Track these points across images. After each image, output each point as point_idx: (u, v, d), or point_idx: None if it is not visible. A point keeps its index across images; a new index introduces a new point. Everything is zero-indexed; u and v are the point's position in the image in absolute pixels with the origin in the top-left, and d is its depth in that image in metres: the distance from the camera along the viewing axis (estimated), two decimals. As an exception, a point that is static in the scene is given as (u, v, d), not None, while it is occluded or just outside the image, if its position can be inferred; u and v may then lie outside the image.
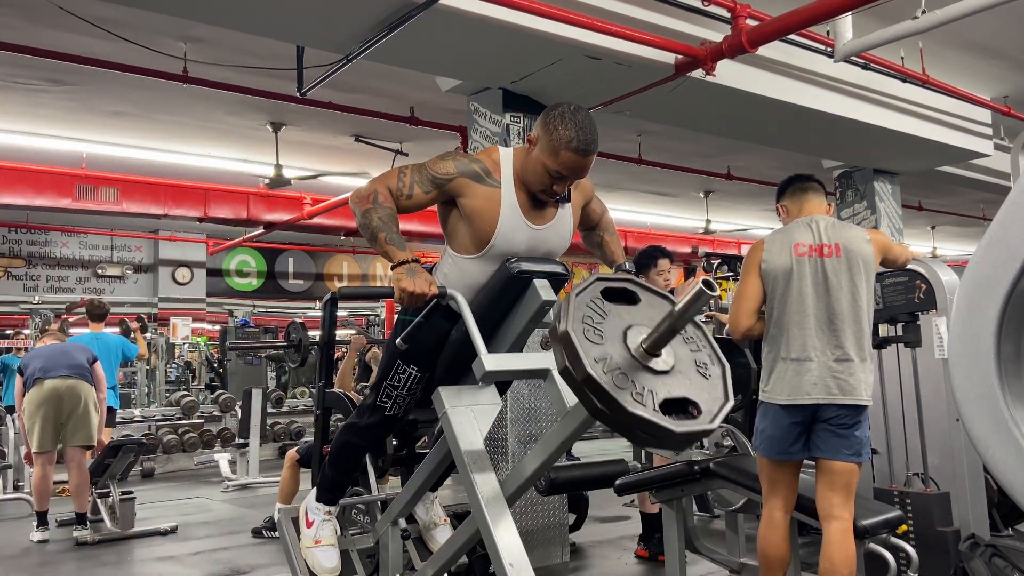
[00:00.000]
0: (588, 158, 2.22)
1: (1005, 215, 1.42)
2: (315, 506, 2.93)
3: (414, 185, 2.31)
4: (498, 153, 2.38)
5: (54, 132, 7.06)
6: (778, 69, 5.04)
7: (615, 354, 1.67)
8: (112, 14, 4.43)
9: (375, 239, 2.23)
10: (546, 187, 2.28)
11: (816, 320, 2.99)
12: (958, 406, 1.48)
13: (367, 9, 3.67)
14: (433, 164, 2.33)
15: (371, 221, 2.24)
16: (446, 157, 2.35)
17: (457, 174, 2.31)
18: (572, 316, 1.67)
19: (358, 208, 2.28)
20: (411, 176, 2.32)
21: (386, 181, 2.33)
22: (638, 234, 11.87)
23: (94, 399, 5.61)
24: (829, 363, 2.95)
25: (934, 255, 13.61)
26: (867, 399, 2.98)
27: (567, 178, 2.26)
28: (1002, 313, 1.39)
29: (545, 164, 2.23)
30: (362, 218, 2.26)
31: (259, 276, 13.82)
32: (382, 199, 2.27)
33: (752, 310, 3.11)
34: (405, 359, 2.55)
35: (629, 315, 1.77)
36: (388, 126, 6.65)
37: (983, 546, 3.50)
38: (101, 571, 4.82)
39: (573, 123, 2.19)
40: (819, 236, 3.05)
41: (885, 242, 3.23)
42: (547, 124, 2.23)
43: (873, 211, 6.89)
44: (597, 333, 1.68)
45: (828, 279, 3.00)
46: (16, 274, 11.69)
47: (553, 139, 2.20)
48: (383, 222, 2.23)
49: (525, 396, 4.65)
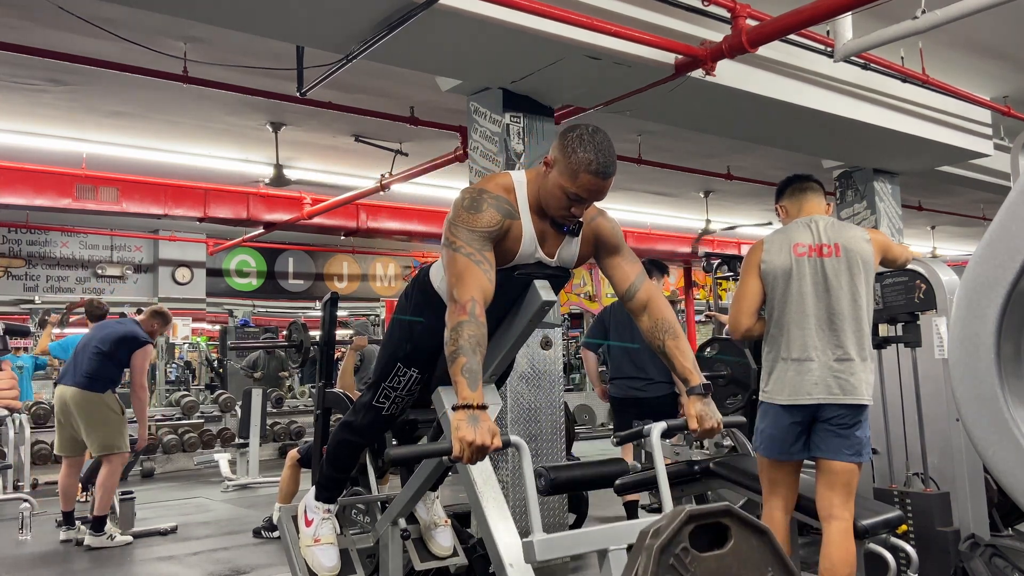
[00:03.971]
0: (607, 180, 2.16)
1: (1005, 215, 1.42)
2: (314, 505, 2.94)
3: (485, 255, 2.15)
4: (511, 179, 2.30)
5: (54, 132, 7.06)
6: (778, 69, 5.04)
7: None
8: (112, 14, 4.42)
9: (454, 360, 1.99)
10: (564, 209, 2.21)
11: (816, 320, 2.98)
12: (958, 406, 1.47)
13: (367, 9, 3.67)
14: (476, 220, 2.17)
15: (460, 338, 2.00)
16: (480, 206, 2.18)
17: (503, 219, 2.21)
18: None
19: (452, 319, 2.05)
20: (475, 248, 2.14)
21: (473, 279, 2.10)
22: (638, 234, 11.86)
23: (105, 405, 5.37)
24: (830, 363, 2.95)
25: (934, 255, 13.61)
26: (868, 399, 2.98)
27: (585, 201, 2.20)
28: (1002, 313, 1.39)
29: (563, 187, 2.16)
30: (453, 330, 2.02)
31: (259, 276, 13.81)
32: (479, 311, 2.05)
33: (752, 310, 3.11)
34: (406, 362, 2.54)
35: (715, 564, 1.46)
36: (388, 126, 6.65)
37: (983, 546, 3.50)
38: (101, 571, 4.82)
39: (592, 145, 2.14)
40: (818, 236, 3.05)
41: (885, 242, 3.23)
42: (565, 147, 2.16)
43: (873, 211, 6.89)
44: None
45: (828, 279, 3.00)
46: (16, 274, 11.68)
47: (572, 162, 2.14)
48: (471, 345, 1.99)
49: (525, 396, 4.65)
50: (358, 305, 14.95)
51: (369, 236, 10.02)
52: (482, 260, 2.13)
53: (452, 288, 2.10)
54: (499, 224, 2.19)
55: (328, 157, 8.15)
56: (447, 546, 3.13)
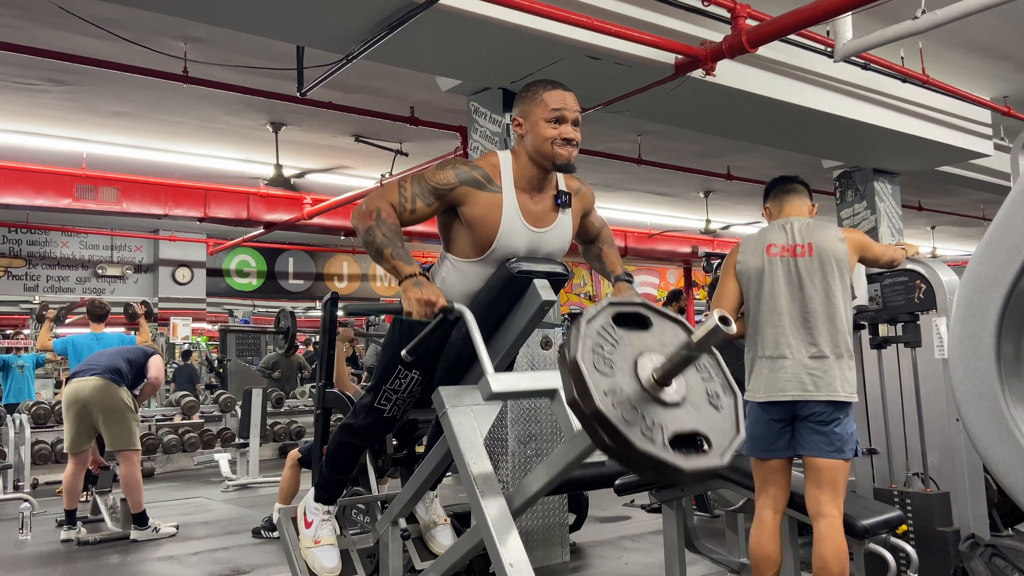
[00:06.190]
0: (570, 92, 2.35)
1: (1005, 215, 1.42)
2: (314, 506, 2.93)
3: (416, 198, 2.29)
4: (497, 157, 2.39)
5: (54, 132, 7.06)
6: (778, 69, 5.04)
7: (625, 385, 1.59)
8: (112, 14, 4.43)
9: (380, 255, 2.21)
10: (556, 139, 2.30)
11: (790, 318, 3.05)
12: (958, 406, 1.48)
13: (367, 9, 3.67)
14: (433, 174, 2.31)
15: (375, 237, 2.22)
16: (445, 166, 2.33)
17: (458, 183, 2.29)
18: (583, 345, 1.58)
19: (360, 225, 2.25)
20: (412, 189, 2.30)
21: (387, 196, 2.29)
22: (638, 234, 11.87)
23: (125, 398, 5.49)
24: (804, 360, 3.01)
25: (934, 255, 13.61)
26: (845, 395, 3.00)
27: (565, 117, 2.31)
28: (1002, 313, 1.39)
29: (541, 119, 2.31)
30: (366, 235, 2.24)
31: (259, 276, 13.82)
32: (385, 215, 2.24)
33: (729, 311, 3.17)
34: (407, 364, 2.54)
35: (640, 341, 1.68)
36: (388, 126, 6.65)
37: (983, 546, 3.49)
38: (101, 571, 4.82)
39: (537, 79, 2.43)
40: (792, 237, 3.12)
41: (862, 241, 3.25)
42: (520, 96, 2.40)
43: (873, 211, 6.88)
44: (607, 363, 1.60)
45: (801, 278, 3.06)
46: (16, 274, 11.69)
47: (532, 95, 2.35)
48: (387, 237, 2.21)
49: (525, 396, 4.65)
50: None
51: (369, 236, 10.02)
52: (408, 198, 2.30)
53: (363, 202, 2.31)
54: (450, 186, 2.30)
55: (328, 157, 8.16)
56: (447, 545, 3.13)
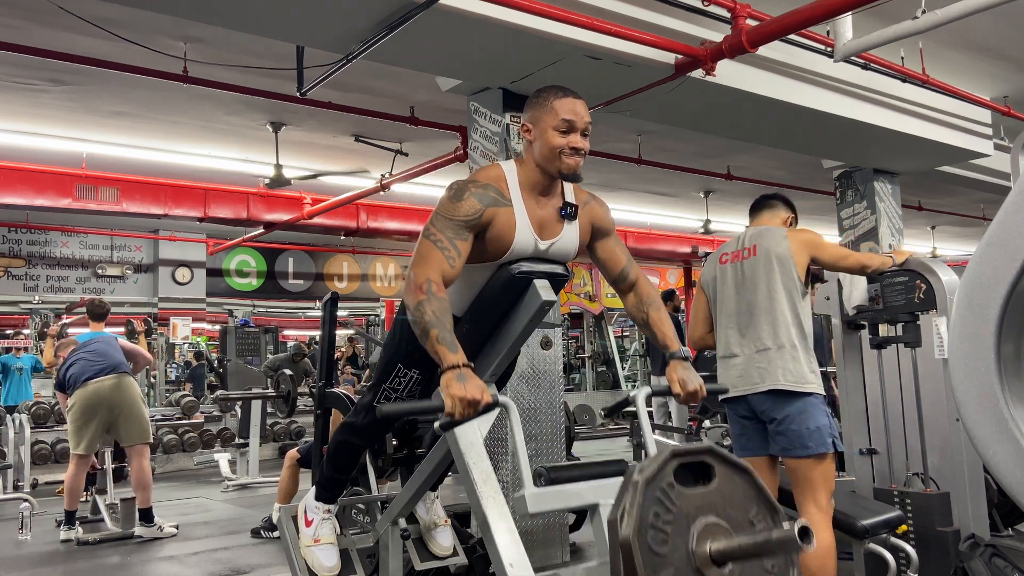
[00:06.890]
0: (580, 99, 2.30)
1: (1005, 215, 1.42)
2: (314, 505, 2.93)
3: (455, 242, 2.20)
4: (500, 169, 2.34)
5: (54, 132, 7.06)
6: (778, 69, 5.04)
7: (677, 562, 1.39)
8: (112, 14, 4.42)
9: (427, 335, 2.08)
10: (564, 148, 2.26)
11: (738, 317, 3.22)
12: (958, 406, 1.48)
13: (367, 9, 3.67)
14: (455, 209, 2.22)
15: (424, 315, 2.09)
16: (462, 195, 2.23)
17: (483, 207, 2.23)
18: (639, 516, 1.37)
19: (411, 300, 2.13)
20: (446, 235, 2.20)
21: (431, 261, 2.17)
22: (638, 234, 11.86)
23: (140, 394, 5.65)
24: (752, 355, 3.14)
25: (934, 255, 13.61)
26: (788, 384, 3.05)
27: (575, 127, 2.27)
28: (1002, 313, 1.39)
29: (551, 127, 2.26)
30: (415, 311, 2.11)
31: (259, 276, 13.81)
32: (435, 288, 2.13)
33: (699, 320, 3.47)
34: (407, 363, 2.54)
35: (700, 500, 1.47)
36: (388, 126, 6.65)
37: (983, 546, 3.49)
38: (101, 571, 4.82)
39: (549, 85, 2.35)
40: (742, 243, 3.31)
41: (810, 239, 3.29)
42: (532, 102, 2.34)
43: (873, 211, 6.88)
44: (662, 537, 1.39)
45: (746, 278, 3.23)
46: (16, 274, 11.69)
47: (543, 102, 2.30)
48: (436, 317, 2.09)
49: (525, 396, 4.65)
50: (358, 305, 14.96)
51: (369, 236, 10.02)
52: (448, 247, 2.19)
53: (411, 270, 2.20)
54: (478, 213, 2.23)
55: (328, 157, 8.15)
56: (447, 546, 3.13)
